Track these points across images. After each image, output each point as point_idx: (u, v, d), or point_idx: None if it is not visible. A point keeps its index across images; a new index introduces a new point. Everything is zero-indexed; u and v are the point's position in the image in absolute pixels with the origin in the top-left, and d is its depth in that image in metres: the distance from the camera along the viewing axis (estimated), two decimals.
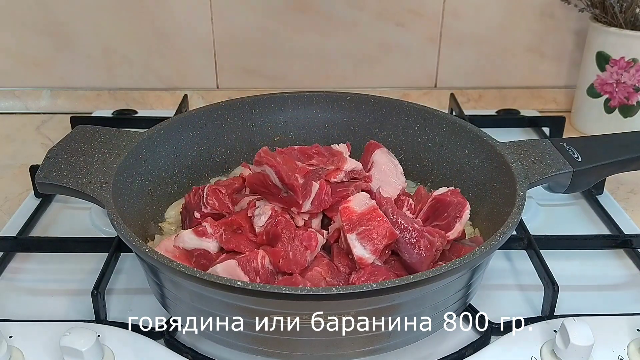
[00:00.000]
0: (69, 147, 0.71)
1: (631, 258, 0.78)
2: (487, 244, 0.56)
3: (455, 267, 0.53)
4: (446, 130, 0.80)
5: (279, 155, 0.67)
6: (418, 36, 1.16)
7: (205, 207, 0.70)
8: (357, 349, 0.57)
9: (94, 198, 0.64)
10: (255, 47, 1.17)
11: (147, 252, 0.55)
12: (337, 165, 0.70)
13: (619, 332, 0.63)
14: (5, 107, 1.19)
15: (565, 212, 0.88)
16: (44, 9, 1.12)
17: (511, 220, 0.60)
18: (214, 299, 0.54)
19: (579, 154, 0.71)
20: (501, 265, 0.76)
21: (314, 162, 0.71)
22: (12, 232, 0.80)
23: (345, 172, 0.70)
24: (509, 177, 0.67)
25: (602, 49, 1.05)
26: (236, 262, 0.60)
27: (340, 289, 0.50)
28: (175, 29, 1.14)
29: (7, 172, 0.99)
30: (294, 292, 0.50)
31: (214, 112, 0.83)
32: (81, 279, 0.72)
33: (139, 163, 0.73)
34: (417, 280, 0.52)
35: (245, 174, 0.73)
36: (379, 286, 0.50)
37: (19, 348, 0.61)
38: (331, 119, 0.85)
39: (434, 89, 1.21)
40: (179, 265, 0.53)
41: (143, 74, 1.18)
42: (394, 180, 0.74)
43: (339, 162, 0.71)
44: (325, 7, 1.13)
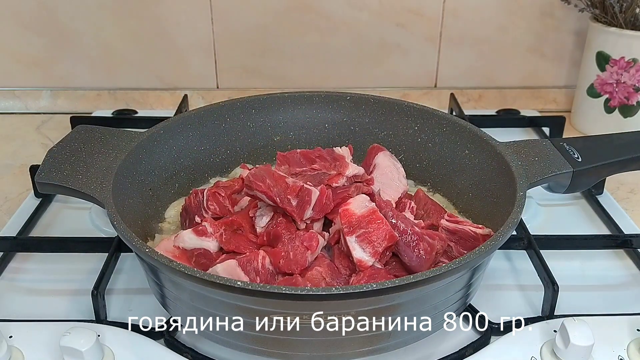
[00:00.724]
0: (69, 147, 0.71)
1: (631, 258, 0.78)
2: (487, 244, 0.56)
3: (455, 267, 0.53)
4: (446, 130, 0.80)
5: (267, 176, 0.66)
6: (418, 36, 1.16)
7: (207, 212, 0.70)
8: (357, 349, 0.57)
9: (94, 198, 0.64)
10: (255, 47, 1.17)
11: (147, 252, 0.55)
12: (339, 170, 0.70)
13: (619, 332, 0.63)
14: (5, 107, 1.19)
15: (565, 212, 0.88)
16: (44, 9, 1.12)
17: (511, 220, 0.60)
18: (214, 299, 0.54)
19: (579, 154, 0.71)
20: (501, 265, 0.76)
21: (316, 166, 0.71)
22: (12, 232, 0.80)
23: (347, 177, 0.70)
24: (509, 177, 0.67)
25: (602, 49, 1.05)
26: (236, 262, 0.60)
27: (340, 288, 0.50)
28: (175, 29, 1.14)
29: (7, 172, 0.99)
30: (293, 292, 0.50)
31: (214, 112, 0.83)
32: (81, 279, 0.72)
33: (139, 163, 0.73)
34: (417, 281, 0.52)
35: (245, 175, 0.73)
36: (379, 286, 0.50)
37: (19, 348, 0.61)
38: (331, 119, 0.85)
39: (434, 89, 1.21)
40: (179, 265, 0.53)
41: (143, 74, 1.18)
42: (395, 183, 0.74)
43: (341, 167, 0.71)
44: (325, 7, 1.13)
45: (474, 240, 0.65)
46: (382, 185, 0.72)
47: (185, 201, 0.73)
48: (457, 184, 0.78)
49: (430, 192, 0.81)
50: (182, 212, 0.73)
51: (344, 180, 0.69)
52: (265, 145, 0.86)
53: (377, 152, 0.77)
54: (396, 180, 0.74)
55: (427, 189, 0.81)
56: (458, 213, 0.77)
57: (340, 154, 0.73)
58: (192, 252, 0.65)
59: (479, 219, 0.72)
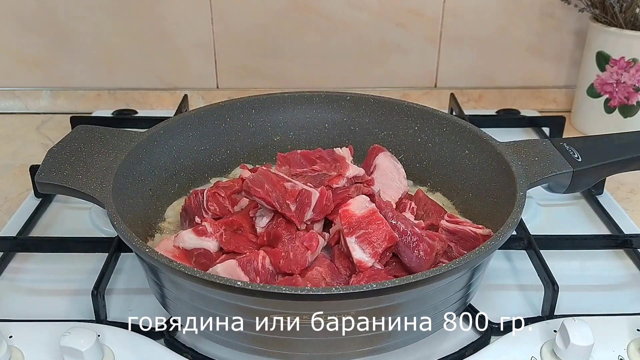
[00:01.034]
0: (69, 147, 0.71)
1: (631, 258, 0.78)
2: (487, 244, 0.56)
3: (455, 267, 0.53)
4: (446, 130, 0.80)
5: (265, 181, 0.65)
6: (418, 36, 1.16)
7: (207, 212, 0.70)
8: (357, 349, 0.57)
9: (94, 198, 0.64)
10: (255, 47, 1.17)
11: (147, 252, 0.55)
12: (339, 171, 0.70)
13: (619, 332, 0.63)
14: (5, 107, 1.19)
15: (565, 212, 0.88)
16: (44, 9, 1.12)
17: (511, 220, 0.60)
18: (214, 298, 0.54)
19: (579, 154, 0.71)
20: (501, 265, 0.76)
21: (316, 167, 0.71)
22: (12, 232, 0.80)
23: (347, 178, 0.70)
24: (508, 177, 0.67)
25: (602, 49, 1.05)
26: (236, 262, 0.60)
27: (340, 289, 0.50)
28: (175, 29, 1.14)
29: (7, 172, 0.99)
30: (293, 292, 0.50)
31: (214, 112, 0.83)
32: (81, 279, 0.72)
33: (139, 163, 0.73)
34: (417, 281, 0.52)
35: (245, 175, 0.73)
36: (378, 286, 0.50)
37: (19, 348, 0.61)
38: (331, 119, 0.85)
39: (434, 89, 1.21)
40: (179, 265, 0.53)
41: (143, 74, 1.18)
42: (396, 183, 0.74)
43: (341, 169, 0.71)
44: (325, 7, 1.13)
45: (474, 241, 0.65)
46: (382, 185, 0.72)
47: (185, 201, 0.73)
48: (457, 184, 0.78)
49: (430, 191, 0.81)
50: (182, 212, 0.73)
51: (344, 181, 0.69)
52: (265, 145, 0.85)
53: (378, 153, 0.77)
54: (396, 180, 0.74)
55: (427, 189, 0.81)
56: (458, 213, 0.77)
57: (341, 155, 0.73)
58: (192, 252, 0.65)
59: (479, 219, 0.72)
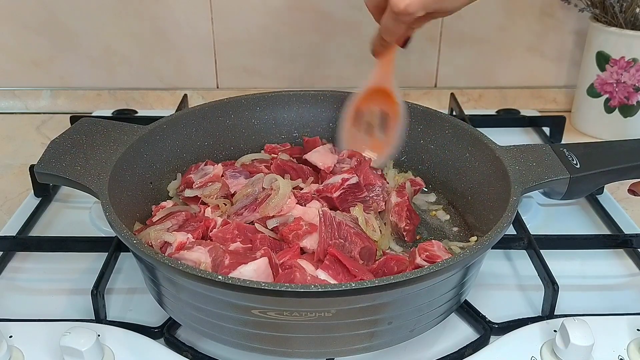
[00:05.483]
0: (71, 138, 0.71)
1: (631, 258, 0.78)
2: (472, 248, 0.56)
3: (438, 269, 0.53)
4: (448, 132, 0.79)
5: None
6: (418, 36, 1.15)
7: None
8: (349, 347, 0.57)
9: (90, 189, 0.64)
10: (255, 47, 1.17)
11: (134, 243, 0.55)
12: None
13: (619, 332, 0.63)
14: (5, 107, 1.19)
15: (565, 212, 0.88)
16: (44, 9, 1.12)
17: (500, 224, 0.59)
18: (188, 287, 0.55)
19: (578, 160, 0.69)
20: (501, 265, 0.76)
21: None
22: (12, 232, 0.80)
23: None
24: (505, 182, 0.66)
25: (602, 49, 1.05)
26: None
27: (319, 286, 0.50)
28: (175, 29, 1.14)
29: (7, 172, 0.99)
30: (293, 290, 0.50)
31: (218, 109, 0.83)
32: (81, 279, 0.72)
33: (140, 156, 0.73)
34: (397, 282, 0.51)
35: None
36: (357, 285, 0.51)
37: (19, 348, 0.61)
38: (336, 117, 0.85)
39: (434, 89, 1.21)
40: (163, 258, 0.54)
41: (143, 74, 1.18)
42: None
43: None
44: (325, 7, 1.13)
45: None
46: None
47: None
48: (456, 187, 0.78)
49: (427, 192, 0.81)
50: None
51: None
52: (269, 142, 0.85)
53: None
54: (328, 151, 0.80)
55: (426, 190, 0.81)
56: (457, 215, 0.77)
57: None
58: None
59: (476, 222, 0.72)
